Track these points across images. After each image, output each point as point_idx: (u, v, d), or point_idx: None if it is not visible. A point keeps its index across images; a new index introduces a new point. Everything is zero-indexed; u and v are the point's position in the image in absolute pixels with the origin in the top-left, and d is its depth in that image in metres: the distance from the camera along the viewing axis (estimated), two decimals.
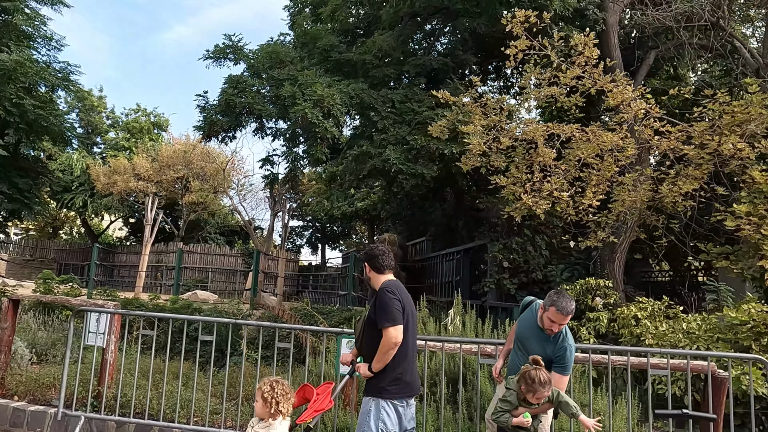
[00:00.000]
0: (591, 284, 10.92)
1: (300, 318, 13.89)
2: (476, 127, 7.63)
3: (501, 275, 12.87)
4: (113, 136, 32.13)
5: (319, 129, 9.94)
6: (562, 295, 4.36)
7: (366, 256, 4.35)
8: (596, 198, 7.40)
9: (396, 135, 10.79)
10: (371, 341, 4.05)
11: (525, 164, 7.92)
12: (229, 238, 33.75)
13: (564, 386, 4.36)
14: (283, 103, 10.29)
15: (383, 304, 3.95)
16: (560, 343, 4.39)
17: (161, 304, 16.33)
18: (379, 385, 4.10)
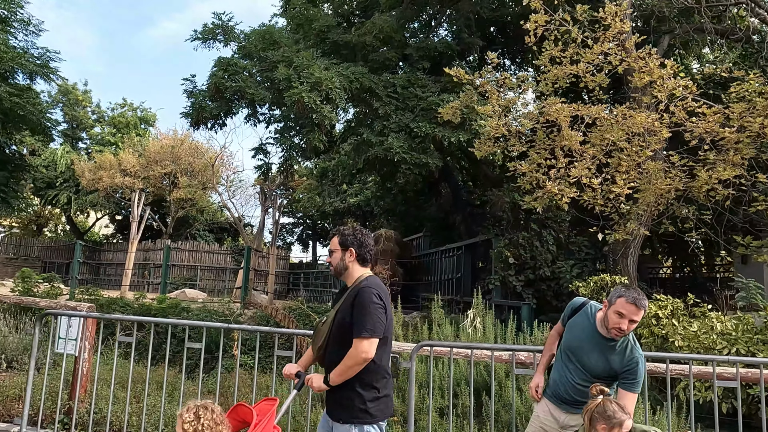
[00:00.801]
0: (606, 281, 10.13)
1: (295, 318, 12.99)
2: (494, 107, 6.78)
3: (506, 272, 12.06)
4: (99, 131, 30.94)
5: (317, 115, 9.04)
6: (629, 287, 3.52)
7: (353, 239, 3.45)
8: (627, 186, 6.56)
9: (398, 122, 9.93)
10: (340, 350, 3.24)
11: (546, 149, 7.07)
12: (218, 235, 32.70)
13: (633, 407, 3.51)
14: (277, 87, 9.39)
15: (364, 308, 3.18)
16: (630, 353, 3.54)
17: (147, 304, 15.33)
18: (360, 406, 3.28)
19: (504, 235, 12.18)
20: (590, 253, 11.82)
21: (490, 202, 12.51)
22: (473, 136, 9.62)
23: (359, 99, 10.42)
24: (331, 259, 3.44)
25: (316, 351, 3.41)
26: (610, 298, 3.51)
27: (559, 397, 3.74)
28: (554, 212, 12.24)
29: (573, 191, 6.70)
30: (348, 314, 3.20)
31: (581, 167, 6.53)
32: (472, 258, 14.30)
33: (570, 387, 3.66)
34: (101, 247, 32.46)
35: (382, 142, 9.80)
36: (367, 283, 3.30)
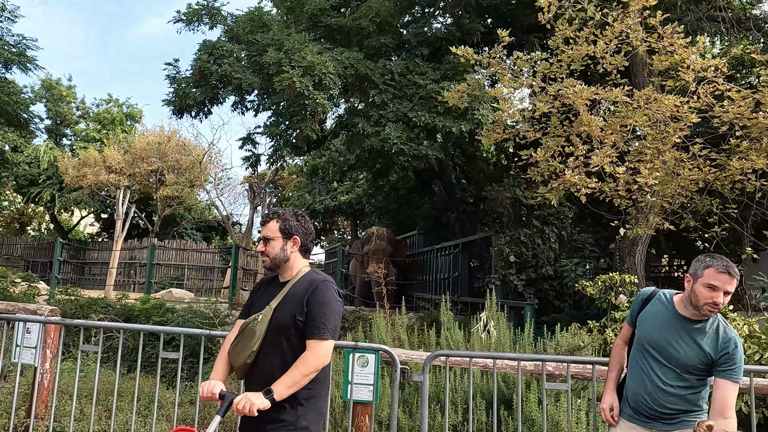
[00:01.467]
0: (615, 280, 9.48)
1: None
2: (506, 89, 6.07)
3: (507, 270, 11.38)
4: (83, 128, 29.93)
5: (309, 102, 8.30)
6: (714, 255, 2.84)
7: (297, 227, 2.93)
8: (652, 175, 5.88)
9: (396, 111, 9.21)
10: (281, 356, 2.69)
11: (563, 136, 6.38)
12: (206, 234, 31.80)
13: (734, 401, 2.81)
14: (266, 72, 8.63)
15: (327, 305, 2.71)
16: (724, 333, 2.84)
17: (130, 305, 14.48)
18: (302, 423, 2.67)
19: (504, 232, 11.50)
20: (595, 251, 11.17)
21: (490, 198, 11.83)
22: (476, 126, 8.94)
23: (354, 87, 9.67)
24: (268, 248, 2.87)
25: (244, 358, 2.71)
26: (695, 271, 2.83)
27: (644, 412, 2.99)
28: (557, 208, 11.58)
29: (593, 182, 6.01)
30: (300, 311, 2.68)
31: (603, 154, 5.83)
32: (469, 256, 13.62)
33: (659, 393, 2.92)
34: (86, 245, 31.47)
35: (379, 132, 9.07)
36: (323, 277, 2.86)
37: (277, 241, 2.86)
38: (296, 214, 2.99)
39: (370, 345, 4.12)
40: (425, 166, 9.83)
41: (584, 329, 9.61)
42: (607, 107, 6.38)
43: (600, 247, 11.31)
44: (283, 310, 2.72)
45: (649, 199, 6.18)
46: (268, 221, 2.95)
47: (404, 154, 9.04)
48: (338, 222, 31.86)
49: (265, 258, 2.89)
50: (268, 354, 2.70)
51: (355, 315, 12.08)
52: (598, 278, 9.72)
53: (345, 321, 12.07)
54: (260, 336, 2.69)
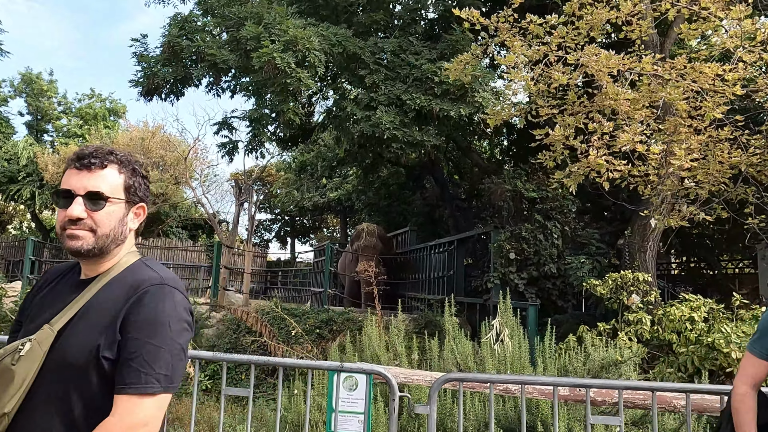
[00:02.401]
0: (628, 278, 8.55)
1: (268, 322, 11.19)
2: (518, 57, 5.11)
3: (507, 269, 10.42)
4: (65, 123, 28.65)
5: (291, 80, 7.29)
6: None
7: (144, 185, 1.80)
8: (689, 157, 4.92)
9: (388, 94, 8.23)
10: (62, 415, 1.45)
11: (582, 112, 5.41)
12: (192, 232, 30.61)
13: None
14: (243, 48, 7.61)
15: (158, 332, 1.48)
16: None
17: None
18: None
19: (504, 227, 10.54)
20: (601, 248, 10.23)
21: (488, 191, 10.86)
22: (476, 110, 7.99)
23: (342, 67, 8.67)
24: (95, 216, 1.59)
25: None
26: None
27: None
28: (561, 202, 10.64)
29: (621, 164, 5.04)
30: (108, 339, 1.48)
31: (633, 131, 4.87)
32: (465, 254, 12.66)
33: None
34: None
35: (369, 117, 8.08)
36: (162, 275, 1.64)
37: (115, 206, 1.63)
38: (139, 163, 1.78)
39: (361, 366, 3.12)
40: (420, 155, 8.85)
41: (593, 332, 8.67)
42: (634, 79, 5.43)
43: (606, 243, 10.38)
44: (77, 335, 1.51)
45: (685, 185, 5.22)
46: (99, 164, 1.62)
47: (397, 140, 8.06)
48: (327, 219, 30.81)
49: (81, 234, 1.58)
50: (39, 419, 1.47)
51: (344, 317, 11.07)
52: (608, 276, 8.80)
53: (333, 323, 11.07)
54: (24, 383, 1.45)
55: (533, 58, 5.35)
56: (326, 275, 12.99)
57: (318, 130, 16.80)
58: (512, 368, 4.77)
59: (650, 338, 8.12)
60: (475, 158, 13.79)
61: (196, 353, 3.65)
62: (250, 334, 11.14)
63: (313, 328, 10.96)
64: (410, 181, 20.21)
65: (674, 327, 8.07)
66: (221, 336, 11.66)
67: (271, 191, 28.58)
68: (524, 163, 11.15)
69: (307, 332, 10.84)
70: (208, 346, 11.28)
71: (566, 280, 10.49)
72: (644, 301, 8.61)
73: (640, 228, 9.61)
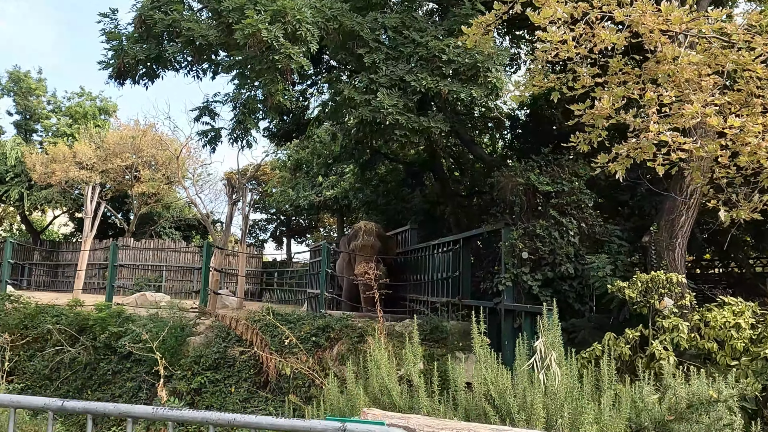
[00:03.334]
0: (660, 280, 7.51)
1: (260, 329, 10.11)
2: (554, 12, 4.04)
3: (519, 269, 9.36)
4: (54, 122, 27.45)
5: (280, 56, 6.22)
6: None
7: None
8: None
9: (390, 75, 7.17)
10: None
11: (632, 80, 4.35)
12: (185, 232, 29.47)
13: None
14: (225, 21, 6.53)
15: None
16: None
17: (84, 313, 12.28)
18: None
19: (516, 224, 9.47)
20: (623, 246, 9.17)
21: (498, 186, 9.79)
22: (489, 92, 6.95)
23: (338, 45, 7.58)
24: None
25: None
26: None
27: None
28: (578, 196, 9.59)
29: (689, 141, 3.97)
30: None
31: (701, 100, 3.80)
32: (472, 253, 11.60)
33: None
34: (59, 246, 29.00)
35: (369, 101, 7.01)
36: None
37: None
38: None
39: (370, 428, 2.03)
40: (419, 150, 7.76)
41: (621, 340, 7.63)
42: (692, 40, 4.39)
43: (630, 241, 9.34)
44: None
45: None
46: None
47: (401, 127, 7.00)
48: (324, 219, 29.70)
49: None
50: None
51: (342, 323, 9.97)
52: (636, 278, 7.75)
53: (331, 330, 9.98)
54: None
55: (571, 15, 4.27)
56: (323, 277, 11.90)
57: (313, 124, 15.73)
58: (569, 408, 3.68)
59: (688, 347, 7.09)
60: (478, 152, 12.74)
61: (17, 400, 2.54)
62: (240, 344, 10.05)
63: (308, 336, 9.87)
64: (409, 178, 19.15)
65: (716, 335, 7.04)
66: (209, 345, 10.56)
67: (266, 190, 27.46)
68: (535, 154, 10.10)
69: (302, 340, 9.75)
70: (194, 357, 10.17)
71: (584, 281, 9.44)
72: (678, 305, 7.57)
73: (667, 224, 8.58)
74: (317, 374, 9.08)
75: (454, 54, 6.80)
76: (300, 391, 9.17)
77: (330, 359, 9.69)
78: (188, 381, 9.93)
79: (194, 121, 7.71)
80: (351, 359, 9.59)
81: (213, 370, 10.04)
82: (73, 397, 11.79)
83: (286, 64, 6.36)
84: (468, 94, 6.96)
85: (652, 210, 10.36)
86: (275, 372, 9.41)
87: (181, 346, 10.71)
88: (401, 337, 10.14)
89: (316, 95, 16.10)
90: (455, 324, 10.10)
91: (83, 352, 11.62)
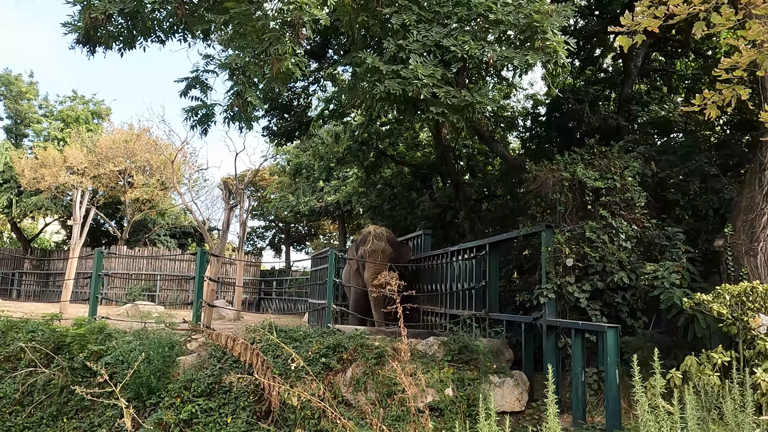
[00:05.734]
0: (758, 292, 5.93)
1: (261, 349, 8.44)
2: None
3: (563, 278, 7.77)
4: (45, 126, 25.73)
5: (289, 6, 4.61)
6: None
7: None
8: None
9: (423, 41, 5.60)
10: None
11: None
12: (181, 240, 27.71)
13: None
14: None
15: None
16: None
17: (61, 329, 10.56)
18: None
19: (560, 226, 7.88)
20: (689, 251, 7.59)
21: (535, 182, 8.22)
22: (548, 59, 5.40)
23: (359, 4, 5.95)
24: None
25: None
26: None
27: None
28: (630, 192, 8.03)
29: None
30: None
31: None
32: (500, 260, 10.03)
33: None
34: (51, 255, 27.19)
35: (398, 71, 5.42)
36: None
37: None
38: None
39: None
40: (468, 124, 6.16)
41: (705, 366, 6.03)
42: None
43: (695, 244, 7.79)
44: None
45: None
46: None
47: (437, 102, 5.42)
48: (324, 225, 28.02)
49: None
50: None
51: (356, 342, 8.28)
52: (722, 289, 6.17)
53: (343, 350, 8.32)
54: None
55: None
56: (329, 287, 10.27)
57: (316, 122, 14.15)
58: None
59: None
60: (500, 150, 11.18)
61: None
62: (238, 366, 8.37)
63: (317, 356, 8.22)
64: (417, 181, 17.59)
65: None
66: (202, 366, 8.86)
67: (265, 196, 25.80)
68: (560, 154, 8.51)
69: (309, 361, 8.09)
70: (185, 381, 8.47)
71: (637, 292, 7.86)
72: None
73: (745, 225, 7.02)
74: (329, 403, 7.41)
75: (504, 13, 5.24)
76: (309, 424, 7.51)
77: (343, 384, 8.03)
78: (177, 410, 8.23)
79: (181, 95, 6.14)
80: (368, 384, 7.99)
81: (206, 397, 8.34)
82: (47, 426, 10.07)
83: (297, 17, 4.77)
84: (523, 61, 5.40)
85: (709, 210, 8.82)
86: (278, 400, 7.74)
87: (169, 368, 9.01)
88: (424, 357, 8.49)
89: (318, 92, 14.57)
90: (485, 342, 8.47)
91: (59, 373, 9.90)
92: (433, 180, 17.43)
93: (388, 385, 7.70)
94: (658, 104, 11.37)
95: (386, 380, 7.70)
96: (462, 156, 16.86)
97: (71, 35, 5.89)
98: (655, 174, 9.10)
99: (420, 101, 5.53)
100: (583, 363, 7.33)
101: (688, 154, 9.41)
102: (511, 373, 8.02)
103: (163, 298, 24.21)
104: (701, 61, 12.60)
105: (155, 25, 5.77)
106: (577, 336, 7.26)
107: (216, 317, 18.10)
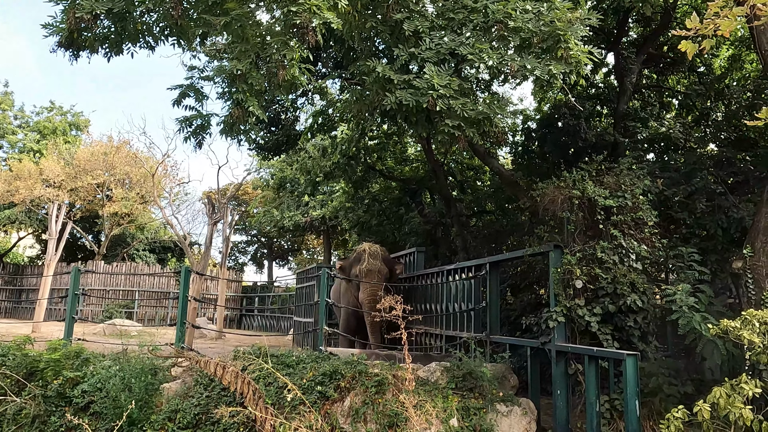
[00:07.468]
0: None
1: (252, 377, 7.79)
2: None
3: (573, 301, 7.33)
4: (20, 138, 24.68)
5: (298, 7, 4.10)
6: None
7: None
8: None
9: (437, 49, 5.13)
10: None
11: None
12: (160, 255, 26.73)
13: None
14: None
15: None
16: None
17: (33, 354, 9.75)
18: None
19: (570, 246, 7.45)
20: (704, 273, 7.19)
21: (543, 199, 7.78)
22: (571, 69, 4.98)
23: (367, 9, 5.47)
24: None
25: None
26: None
27: None
28: (640, 213, 7.64)
29: None
30: None
31: None
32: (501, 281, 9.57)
33: None
34: (24, 270, 25.98)
35: (410, 81, 4.93)
36: None
37: None
38: None
39: None
40: (489, 139, 5.69)
41: (735, 398, 5.61)
42: None
43: (712, 266, 7.42)
44: None
45: None
46: None
47: (453, 114, 4.95)
48: (308, 241, 27.33)
49: None
50: None
51: (355, 369, 7.67)
52: (750, 315, 5.76)
53: (340, 377, 7.73)
54: None
55: None
56: (322, 308, 9.65)
57: (305, 135, 13.62)
58: None
59: None
60: (495, 165, 10.78)
61: None
62: (227, 395, 7.70)
63: (312, 384, 7.59)
64: (406, 197, 17.11)
65: None
66: (187, 394, 8.15)
67: (248, 211, 25.07)
68: (556, 169, 8.13)
69: (304, 389, 7.46)
70: (169, 412, 7.76)
71: (648, 315, 7.45)
72: None
73: (765, 246, 6.65)
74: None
75: (524, 20, 4.82)
76: None
77: (341, 414, 7.42)
78: None
79: (174, 104, 5.58)
80: (368, 415, 7.41)
81: (192, 430, 7.63)
82: None
83: (307, 20, 4.25)
84: (545, 71, 4.97)
85: (718, 230, 8.49)
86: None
87: (152, 396, 8.28)
88: (426, 384, 7.92)
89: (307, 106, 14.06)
90: (490, 367, 7.95)
91: (31, 402, 9.08)
92: (422, 195, 16.98)
93: (389, 415, 7.13)
94: (656, 120, 11.12)
95: (387, 410, 7.14)
96: (453, 171, 16.47)
97: (52, 37, 5.28)
98: (661, 192, 8.75)
99: (434, 113, 5.05)
100: (597, 392, 6.87)
101: (693, 171, 9.10)
102: (518, 401, 7.50)
103: (142, 315, 23.24)
104: (694, 77, 12.44)
105: (146, 28, 5.18)
106: (591, 363, 6.80)
107: (197, 335, 17.28)
